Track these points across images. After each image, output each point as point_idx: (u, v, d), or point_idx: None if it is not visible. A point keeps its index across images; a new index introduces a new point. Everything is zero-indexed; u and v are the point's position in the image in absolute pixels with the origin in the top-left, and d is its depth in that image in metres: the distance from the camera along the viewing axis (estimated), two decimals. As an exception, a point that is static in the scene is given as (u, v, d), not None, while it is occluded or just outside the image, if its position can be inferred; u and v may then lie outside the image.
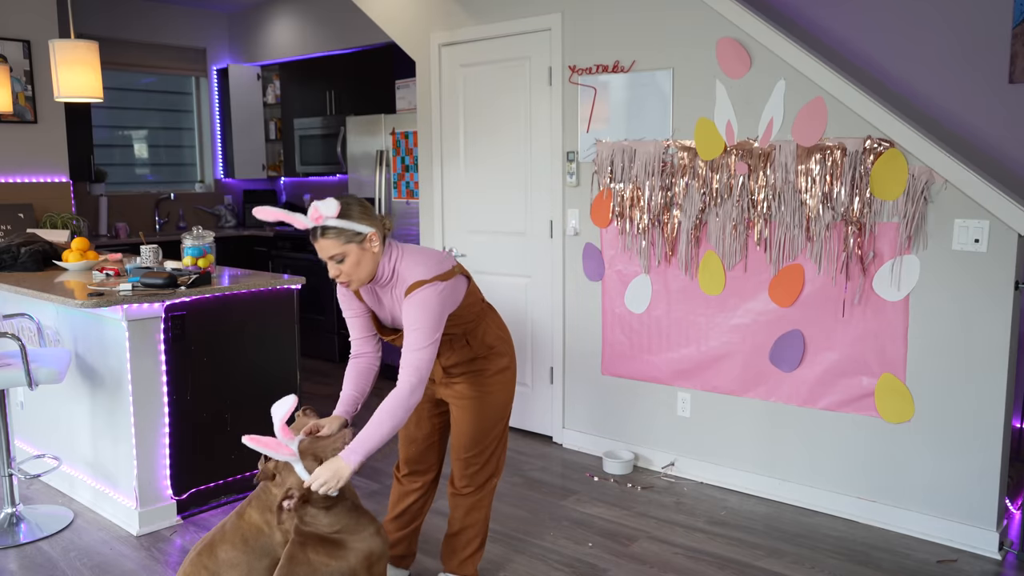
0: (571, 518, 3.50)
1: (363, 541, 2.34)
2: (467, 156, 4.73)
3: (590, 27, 4.06)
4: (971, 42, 3.56)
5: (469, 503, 2.76)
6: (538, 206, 4.41)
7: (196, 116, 7.64)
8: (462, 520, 2.78)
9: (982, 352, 3.09)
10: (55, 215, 5.54)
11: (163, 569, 3.08)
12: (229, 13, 7.58)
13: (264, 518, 2.45)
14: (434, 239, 4.94)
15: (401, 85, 5.72)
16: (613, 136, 4.02)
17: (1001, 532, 3.15)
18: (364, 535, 2.35)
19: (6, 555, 3.20)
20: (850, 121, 3.30)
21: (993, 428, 3.09)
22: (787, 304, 3.53)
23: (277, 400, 2.29)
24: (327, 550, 2.28)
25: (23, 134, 5.55)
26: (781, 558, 3.11)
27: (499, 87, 4.51)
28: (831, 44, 3.92)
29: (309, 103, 6.94)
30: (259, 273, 3.92)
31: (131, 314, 3.25)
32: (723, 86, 3.62)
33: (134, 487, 3.36)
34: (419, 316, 2.33)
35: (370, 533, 2.36)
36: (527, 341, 4.55)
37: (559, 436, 4.46)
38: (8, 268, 3.95)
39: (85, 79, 3.90)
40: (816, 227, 3.42)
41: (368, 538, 2.35)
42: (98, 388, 3.51)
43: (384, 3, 5.03)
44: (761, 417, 3.67)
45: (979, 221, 3.05)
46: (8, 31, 5.43)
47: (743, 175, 3.60)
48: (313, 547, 2.28)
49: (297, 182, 7.70)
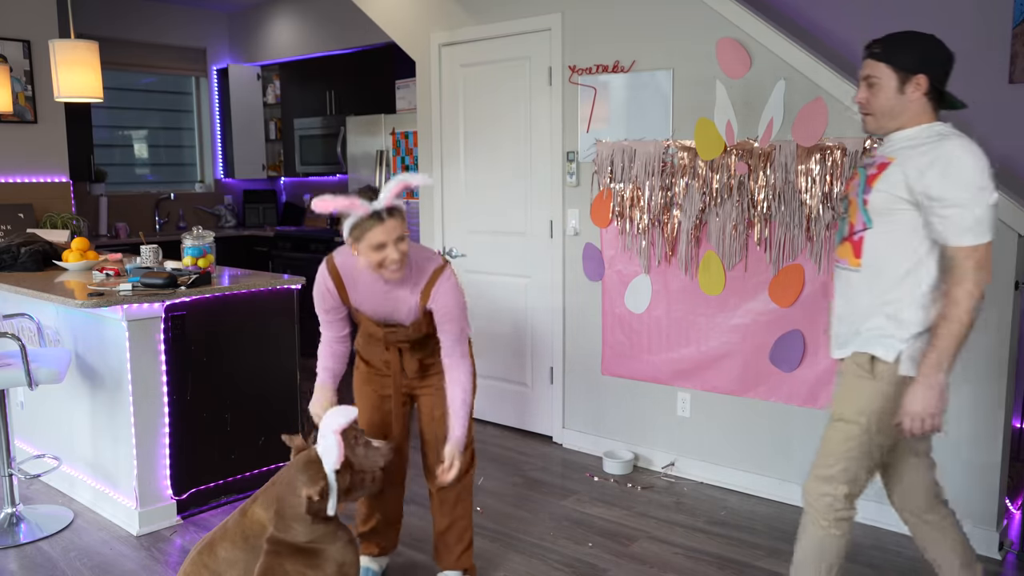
0: (571, 518, 3.50)
1: (338, 552, 2.31)
2: (467, 156, 4.73)
3: (590, 27, 4.06)
4: (971, 42, 3.56)
5: (455, 495, 2.76)
6: (538, 206, 4.41)
7: (196, 116, 7.64)
8: (451, 514, 2.77)
9: (982, 352, 3.09)
10: (55, 215, 5.54)
11: (163, 569, 3.08)
12: (229, 13, 7.58)
13: (269, 515, 2.45)
14: (434, 239, 4.94)
15: (401, 85, 5.72)
16: (613, 136, 4.02)
17: (1001, 532, 3.15)
18: (339, 545, 2.32)
19: (6, 555, 3.20)
20: (850, 121, 3.30)
21: (993, 428, 3.09)
22: (787, 304, 3.53)
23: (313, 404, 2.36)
24: (304, 560, 2.25)
25: (23, 134, 5.55)
26: (781, 558, 3.11)
27: (499, 87, 4.51)
28: (831, 44, 3.91)
29: (309, 103, 6.94)
30: (259, 273, 3.92)
31: (131, 314, 3.25)
32: (723, 86, 3.62)
33: (134, 487, 3.36)
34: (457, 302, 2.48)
35: (344, 543, 2.34)
36: (527, 341, 4.55)
37: (559, 436, 4.46)
38: (8, 268, 3.95)
39: (85, 79, 3.90)
40: (816, 227, 3.42)
41: (342, 548, 2.33)
42: (98, 388, 3.51)
43: (384, 3, 5.03)
44: (761, 417, 3.67)
45: (979, 221, 3.04)
46: (8, 31, 5.43)
47: (743, 175, 3.60)
48: (289, 557, 2.25)
49: (297, 182, 7.70)
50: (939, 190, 2.10)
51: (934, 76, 2.20)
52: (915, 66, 2.19)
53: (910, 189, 2.13)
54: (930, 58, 2.20)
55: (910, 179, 2.14)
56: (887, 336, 2.20)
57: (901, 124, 2.24)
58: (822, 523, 2.28)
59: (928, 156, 2.13)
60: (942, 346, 2.10)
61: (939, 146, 2.13)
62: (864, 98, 2.27)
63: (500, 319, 4.65)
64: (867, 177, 2.25)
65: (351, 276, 2.50)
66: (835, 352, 2.38)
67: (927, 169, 2.11)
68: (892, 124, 2.26)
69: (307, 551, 2.26)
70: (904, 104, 2.22)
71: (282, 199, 7.88)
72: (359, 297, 2.52)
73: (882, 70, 2.22)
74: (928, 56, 2.20)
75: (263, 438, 3.72)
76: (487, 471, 4.05)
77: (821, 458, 2.30)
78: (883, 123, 2.27)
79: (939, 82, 2.22)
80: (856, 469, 2.25)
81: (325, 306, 2.57)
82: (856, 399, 2.25)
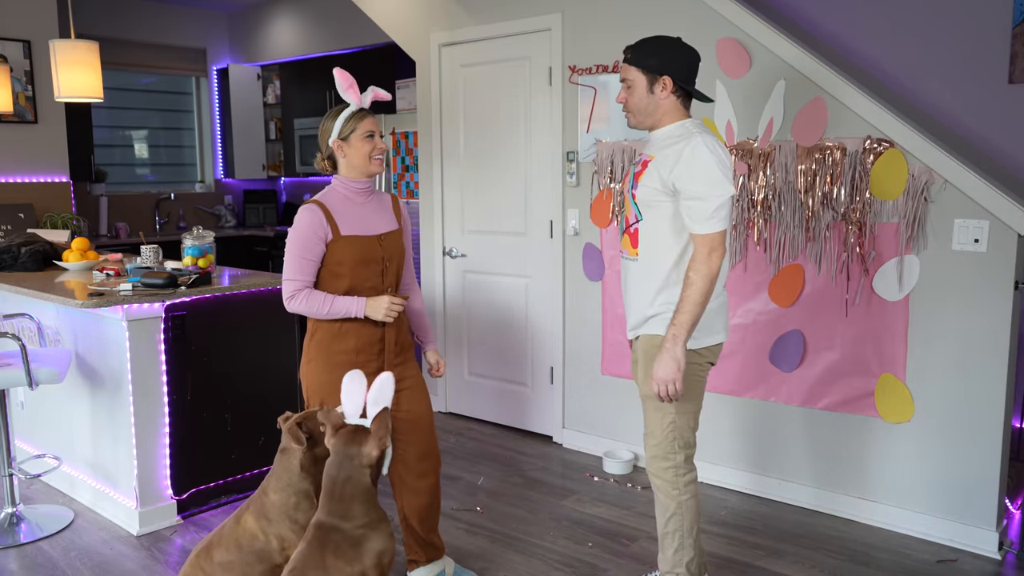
0: (571, 518, 3.50)
1: (380, 540, 2.32)
2: (467, 156, 4.73)
3: (590, 27, 4.06)
4: (971, 42, 3.56)
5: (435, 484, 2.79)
6: (538, 206, 4.41)
7: (196, 116, 7.65)
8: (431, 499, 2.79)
9: (982, 352, 3.09)
10: (55, 215, 5.54)
11: (163, 569, 3.08)
12: (229, 13, 7.58)
13: (259, 525, 2.45)
14: (434, 239, 4.94)
15: (401, 85, 5.72)
16: (613, 136, 4.02)
17: (1001, 532, 3.15)
18: (380, 535, 2.33)
19: (6, 555, 3.21)
20: (850, 121, 3.30)
21: (993, 428, 3.09)
22: (787, 304, 3.53)
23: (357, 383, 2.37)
24: (345, 554, 2.25)
25: (23, 134, 5.55)
26: (781, 558, 3.11)
27: (499, 87, 4.51)
28: (831, 44, 3.91)
29: (309, 103, 6.94)
30: (259, 273, 3.92)
31: (131, 314, 3.25)
32: (723, 86, 3.62)
33: (134, 487, 3.36)
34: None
35: (387, 532, 2.35)
36: (527, 341, 4.55)
37: (559, 436, 4.46)
38: (8, 268, 3.95)
39: (85, 79, 3.90)
40: (816, 227, 3.42)
41: (383, 539, 2.33)
42: (98, 388, 3.51)
43: (384, 3, 5.03)
44: (761, 417, 3.67)
45: (979, 221, 3.05)
46: (8, 31, 5.44)
47: (743, 175, 3.60)
48: (333, 549, 2.24)
49: (297, 182, 7.70)
50: (683, 183, 2.37)
51: (678, 76, 2.44)
52: (659, 68, 2.44)
53: (664, 183, 2.41)
54: (672, 60, 2.45)
55: (663, 174, 2.40)
56: (670, 317, 2.46)
57: (656, 121, 2.50)
58: (673, 492, 2.55)
59: (676, 152, 2.39)
60: (680, 321, 2.37)
61: (685, 143, 2.38)
62: (623, 98, 2.53)
63: (500, 319, 4.65)
64: (635, 174, 2.53)
65: (334, 207, 2.60)
66: (629, 334, 2.66)
67: (675, 165, 2.38)
68: (648, 121, 2.51)
69: (352, 540, 2.26)
70: (655, 103, 2.47)
71: (282, 199, 7.88)
72: (348, 222, 2.59)
73: (633, 73, 2.48)
74: (670, 58, 2.45)
75: (263, 438, 3.72)
76: (487, 471, 4.05)
77: (650, 438, 2.57)
78: (640, 120, 2.52)
79: (684, 81, 2.46)
80: (683, 435, 2.53)
81: (311, 247, 2.55)
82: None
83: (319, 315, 2.58)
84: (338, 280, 2.60)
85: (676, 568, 2.59)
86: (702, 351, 2.52)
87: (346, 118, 2.60)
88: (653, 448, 2.56)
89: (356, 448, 2.28)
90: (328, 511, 2.27)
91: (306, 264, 2.56)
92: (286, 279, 2.57)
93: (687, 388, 2.48)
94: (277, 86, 7.44)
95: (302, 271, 2.56)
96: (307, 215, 2.55)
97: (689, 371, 2.47)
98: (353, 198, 2.65)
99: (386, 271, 2.67)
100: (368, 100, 2.64)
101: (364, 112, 2.62)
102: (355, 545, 2.27)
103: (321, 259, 2.58)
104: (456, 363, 4.91)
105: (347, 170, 2.64)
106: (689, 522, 2.55)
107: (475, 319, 4.79)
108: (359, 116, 2.61)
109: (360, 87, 2.67)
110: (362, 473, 2.28)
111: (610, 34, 3.98)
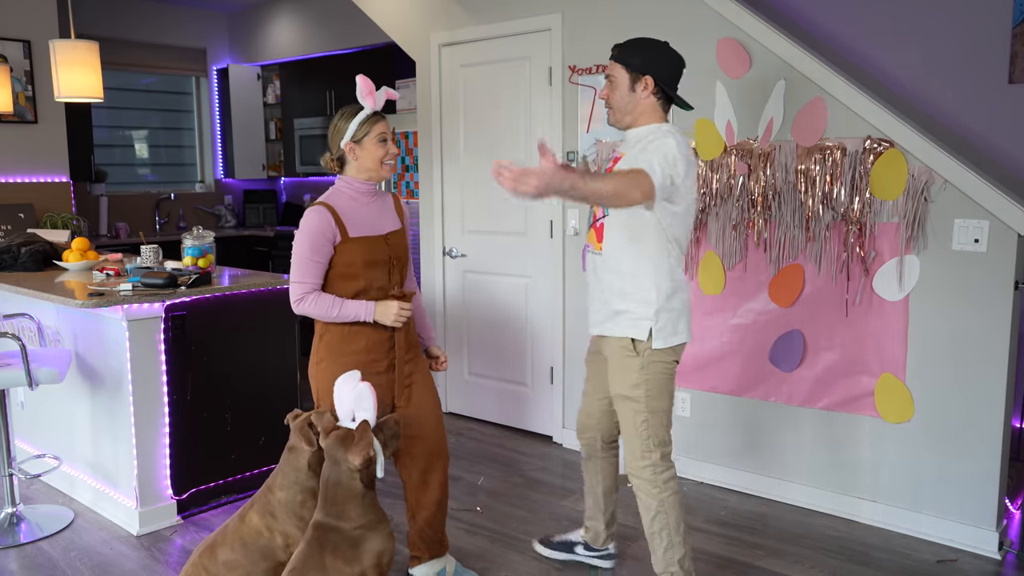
0: (571, 518, 3.50)
1: (378, 540, 2.32)
2: (467, 156, 4.73)
3: (590, 27, 4.06)
4: (971, 42, 3.56)
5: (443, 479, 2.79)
6: (538, 206, 4.40)
7: (196, 116, 7.64)
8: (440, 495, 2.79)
9: (982, 352, 3.09)
10: (55, 215, 5.54)
11: (163, 569, 3.08)
12: (229, 13, 7.58)
13: (265, 522, 2.45)
14: (434, 239, 4.94)
15: (401, 85, 5.71)
16: (613, 136, 4.02)
17: (1001, 532, 3.15)
18: (380, 535, 2.33)
19: (6, 555, 3.21)
20: (850, 121, 3.30)
21: (993, 428, 3.09)
22: (787, 304, 3.53)
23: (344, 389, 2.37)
24: (344, 555, 2.25)
25: (23, 134, 5.55)
26: (781, 558, 3.11)
27: (499, 87, 4.51)
28: (831, 44, 3.91)
29: (309, 103, 6.94)
30: (259, 273, 3.92)
31: (131, 314, 3.25)
32: (723, 86, 3.62)
33: (134, 487, 3.36)
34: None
35: (386, 532, 2.35)
36: (527, 341, 4.55)
37: (559, 436, 4.46)
38: (8, 268, 3.95)
39: (85, 79, 3.90)
40: (816, 227, 3.42)
41: (382, 538, 2.33)
42: (98, 388, 3.51)
43: (384, 3, 5.03)
44: (761, 417, 3.67)
45: (979, 221, 3.05)
46: (8, 31, 5.44)
47: (743, 175, 3.60)
48: (332, 549, 2.25)
49: (297, 182, 7.70)
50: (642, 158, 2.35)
51: (660, 78, 2.48)
52: (642, 67, 2.47)
53: None
54: (655, 62, 2.48)
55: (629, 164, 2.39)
56: (639, 319, 2.50)
57: (634, 120, 2.53)
58: (653, 491, 2.58)
59: (643, 146, 2.42)
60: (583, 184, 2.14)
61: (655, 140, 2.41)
62: (605, 94, 2.56)
63: (500, 319, 4.65)
64: (605, 170, 2.57)
65: (341, 209, 2.60)
66: (592, 330, 2.69)
67: (639, 154, 2.40)
68: (626, 119, 2.55)
69: (350, 540, 2.26)
70: (635, 101, 2.51)
71: (282, 199, 7.88)
72: (355, 223, 2.59)
73: (618, 70, 2.52)
74: (653, 59, 2.48)
75: (263, 438, 3.73)
76: (487, 471, 4.05)
77: (627, 439, 2.61)
78: (619, 117, 2.56)
79: (666, 84, 2.50)
80: (656, 433, 2.57)
81: (320, 248, 2.55)
82: (628, 376, 2.55)
83: (327, 318, 2.58)
84: (350, 281, 2.60)
85: (670, 567, 2.61)
86: (668, 350, 2.54)
87: (360, 121, 2.61)
88: (630, 448, 2.60)
89: (343, 453, 2.28)
90: (325, 512, 2.28)
91: (315, 266, 2.56)
92: (294, 282, 2.56)
93: (657, 387, 2.54)
94: (277, 86, 7.44)
95: (311, 274, 2.55)
96: (315, 217, 2.54)
97: (658, 370, 2.52)
98: (359, 199, 2.65)
99: (392, 270, 2.67)
100: (382, 101, 2.65)
101: (378, 116, 2.64)
102: (354, 545, 2.27)
103: (329, 261, 2.58)
104: (456, 363, 4.91)
105: (356, 172, 2.64)
106: (674, 519, 2.58)
107: (475, 319, 4.79)
108: (373, 120, 2.62)
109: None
110: (351, 477, 2.28)
111: (610, 34, 3.98)
